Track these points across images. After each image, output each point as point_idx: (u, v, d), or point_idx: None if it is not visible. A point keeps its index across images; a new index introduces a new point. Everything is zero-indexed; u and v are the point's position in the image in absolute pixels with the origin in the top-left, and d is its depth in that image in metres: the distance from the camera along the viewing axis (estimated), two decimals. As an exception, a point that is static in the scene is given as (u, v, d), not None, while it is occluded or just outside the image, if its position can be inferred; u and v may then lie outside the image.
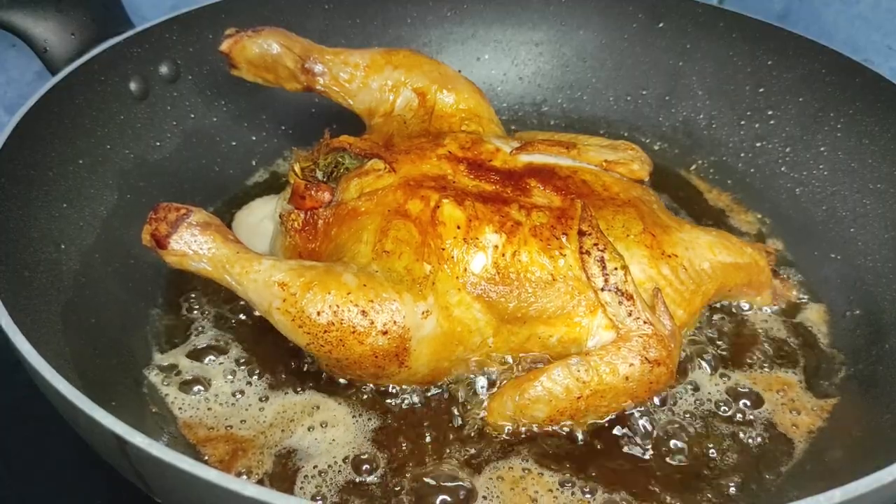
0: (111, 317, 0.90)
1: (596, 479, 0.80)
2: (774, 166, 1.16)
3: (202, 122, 1.14)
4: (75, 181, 0.95)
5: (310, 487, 0.78)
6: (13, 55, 1.25)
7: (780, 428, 0.86)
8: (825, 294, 1.02)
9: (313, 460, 0.81)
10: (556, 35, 1.30)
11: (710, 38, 1.22)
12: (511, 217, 0.84)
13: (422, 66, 1.01)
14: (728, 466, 0.82)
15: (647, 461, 0.82)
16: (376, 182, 0.87)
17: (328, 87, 1.00)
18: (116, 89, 1.03)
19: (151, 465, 0.61)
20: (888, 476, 0.62)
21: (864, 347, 0.94)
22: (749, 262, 0.93)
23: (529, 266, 0.82)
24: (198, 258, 0.81)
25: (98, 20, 1.07)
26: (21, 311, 0.74)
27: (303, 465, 0.80)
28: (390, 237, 0.82)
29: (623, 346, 0.80)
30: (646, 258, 0.85)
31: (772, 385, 0.90)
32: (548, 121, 1.31)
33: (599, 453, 0.82)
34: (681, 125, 1.25)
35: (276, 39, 0.97)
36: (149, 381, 0.87)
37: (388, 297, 0.78)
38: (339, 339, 0.78)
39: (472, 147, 0.91)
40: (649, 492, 0.79)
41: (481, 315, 0.82)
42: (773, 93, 1.17)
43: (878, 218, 1.02)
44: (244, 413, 0.85)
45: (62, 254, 0.89)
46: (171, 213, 0.81)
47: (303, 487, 0.78)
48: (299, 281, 0.78)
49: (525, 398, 0.81)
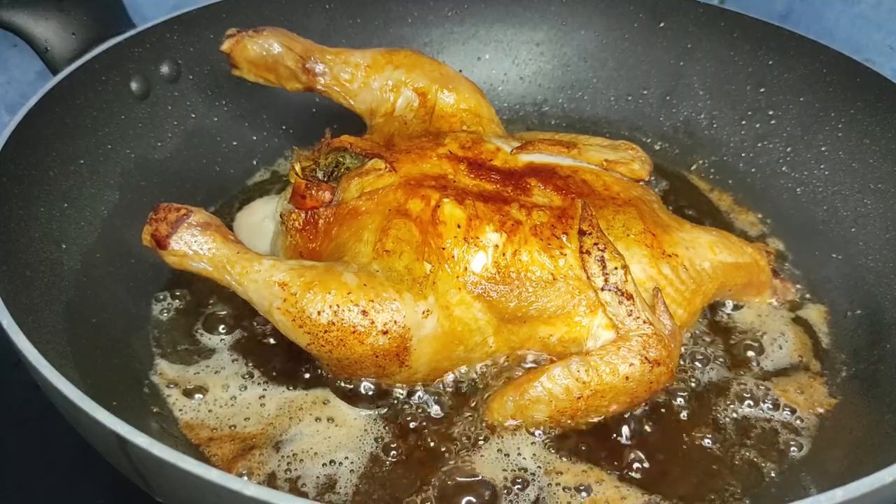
0: (112, 316, 0.90)
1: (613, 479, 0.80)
2: (775, 166, 1.15)
3: (203, 122, 1.14)
4: (76, 181, 0.95)
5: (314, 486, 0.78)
6: (15, 55, 1.25)
7: (781, 428, 0.86)
8: (826, 294, 1.02)
9: (320, 458, 0.81)
10: (557, 35, 1.30)
11: (711, 37, 1.22)
12: (511, 216, 0.84)
13: (422, 65, 1.01)
14: (728, 467, 0.82)
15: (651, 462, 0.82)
16: (377, 181, 0.87)
17: (329, 86, 1.00)
18: (117, 89, 1.03)
19: (153, 464, 0.61)
20: (889, 476, 0.62)
21: (865, 347, 0.94)
22: (749, 262, 0.93)
23: (530, 265, 0.82)
24: (198, 258, 0.81)
25: (99, 20, 1.07)
26: (22, 310, 0.74)
27: (306, 462, 0.80)
28: (391, 236, 0.82)
29: (623, 346, 0.80)
30: (646, 258, 0.85)
31: (772, 385, 0.90)
32: (549, 121, 1.31)
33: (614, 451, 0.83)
34: (682, 125, 1.25)
35: (277, 39, 0.97)
36: (150, 381, 0.87)
37: (388, 296, 0.78)
38: (339, 339, 0.78)
39: (472, 146, 0.91)
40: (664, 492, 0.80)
41: (482, 314, 0.82)
42: (774, 93, 1.17)
43: (879, 218, 1.02)
44: (246, 411, 0.85)
45: (63, 253, 0.89)
46: (171, 213, 0.81)
47: (305, 485, 0.78)
48: (300, 281, 0.78)
49: (525, 398, 0.81)
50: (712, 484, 0.81)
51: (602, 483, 0.80)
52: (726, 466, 0.82)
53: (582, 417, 0.83)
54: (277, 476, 0.79)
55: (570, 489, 0.79)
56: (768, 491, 0.81)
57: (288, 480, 0.79)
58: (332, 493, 0.78)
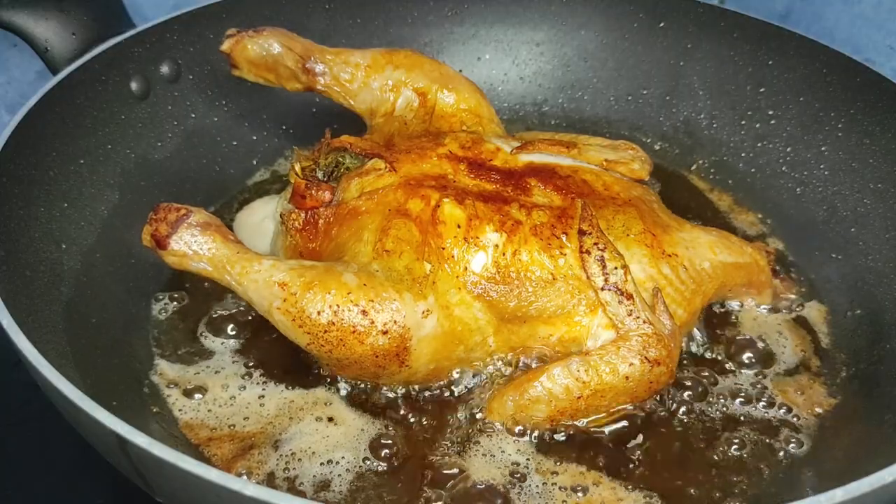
0: (112, 316, 0.90)
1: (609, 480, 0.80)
2: (775, 166, 1.15)
3: (203, 122, 1.14)
4: (76, 181, 0.95)
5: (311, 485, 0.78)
6: (15, 54, 1.26)
7: (780, 428, 0.86)
8: (826, 294, 1.02)
9: (318, 457, 0.81)
10: (557, 35, 1.30)
11: (711, 37, 1.22)
12: (511, 216, 0.84)
13: (422, 65, 1.01)
14: (727, 467, 0.82)
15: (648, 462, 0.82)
16: (377, 181, 0.87)
17: (329, 86, 1.00)
18: (117, 89, 1.03)
19: (153, 464, 0.61)
20: (889, 476, 0.62)
21: (865, 347, 0.94)
22: (749, 262, 0.93)
23: (530, 265, 0.82)
24: (198, 258, 0.81)
25: (99, 20, 1.07)
26: (22, 310, 0.74)
27: (305, 461, 0.80)
28: (391, 236, 0.82)
29: (623, 346, 0.80)
30: (646, 257, 0.85)
31: (772, 385, 0.90)
32: (549, 121, 1.31)
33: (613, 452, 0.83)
34: (682, 125, 1.25)
35: (276, 39, 0.97)
36: (150, 381, 0.87)
37: (388, 296, 0.78)
38: (339, 339, 0.78)
39: (472, 146, 0.91)
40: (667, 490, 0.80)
41: (482, 314, 0.82)
42: (774, 92, 1.17)
43: (879, 218, 1.02)
44: (246, 411, 0.85)
45: (63, 253, 0.89)
46: (170, 213, 0.81)
47: (302, 484, 0.78)
48: (299, 281, 0.78)
49: (525, 398, 0.81)
50: (711, 484, 0.81)
51: (599, 485, 0.79)
52: (725, 467, 0.82)
53: (581, 417, 0.83)
54: (276, 475, 0.79)
55: (566, 489, 0.79)
56: (768, 491, 0.80)
57: (287, 479, 0.79)
58: (328, 490, 0.78)
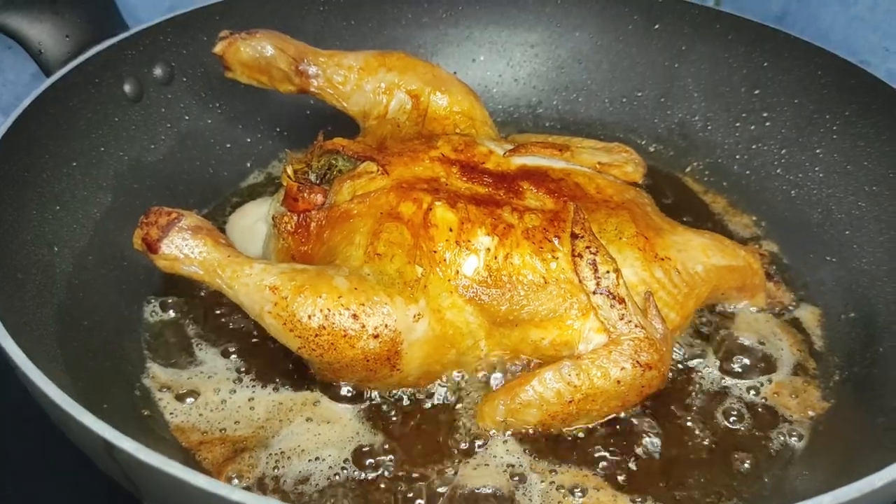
0: (104, 319, 0.90)
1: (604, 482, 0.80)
2: (770, 168, 1.15)
3: (196, 124, 1.14)
4: (69, 183, 0.95)
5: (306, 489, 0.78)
6: (9, 57, 1.25)
7: (774, 431, 0.86)
8: (820, 297, 1.01)
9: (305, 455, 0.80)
10: (551, 37, 1.30)
11: (706, 39, 1.21)
12: (503, 220, 0.84)
13: (415, 68, 1.01)
14: (719, 470, 0.82)
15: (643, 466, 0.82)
16: (369, 184, 0.87)
17: (322, 89, 1.00)
18: (111, 91, 1.03)
19: (140, 469, 0.61)
20: (880, 480, 0.62)
21: (858, 350, 0.93)
22: (742, 265, 0.93)
23: (522, 269, 0.82)
24: (189, 262, 0.81)
25: (93, 22, 1.07)
26: (14, 313, 0.75)
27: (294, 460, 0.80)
28: (382, 240, 0.82)
29: (615, 350, 0.80)
30: (638, 261, 0.85)
31: (766, 389, 0.90)
32: (543, 122, 1.31)
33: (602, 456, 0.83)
34: (676, 127, 1.25)
35: (269, 42, 0.97)
36: (142, 384, 0.87)
37: (379, 300, 0.78)
38: (330, 343, 0.78)
39: (465, 149, 0.91)
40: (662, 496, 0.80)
41: (473, 318, 0.82)
42: (768, 95, 1.17)
43: (873, 220, 1.02)
44: (237, 414, 0.85)
45: (55, 256, 0.89)
46: (161, 217, 0.81)
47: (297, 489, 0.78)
48: (290, 284, 0.78)
49: (516, 402, 0.81)
50: (703, 487, 0.81)
51: (595, 487, 0.79)
52: (718, 470, 0.82)
53: (573, 421, 0.83)
54: (266, 478, 0.79)
55: (564, 489, 0.79)
56: (760, 494, 0.80)
57: (274, 479, 0.79)
58: (306, 484, 0.78)
